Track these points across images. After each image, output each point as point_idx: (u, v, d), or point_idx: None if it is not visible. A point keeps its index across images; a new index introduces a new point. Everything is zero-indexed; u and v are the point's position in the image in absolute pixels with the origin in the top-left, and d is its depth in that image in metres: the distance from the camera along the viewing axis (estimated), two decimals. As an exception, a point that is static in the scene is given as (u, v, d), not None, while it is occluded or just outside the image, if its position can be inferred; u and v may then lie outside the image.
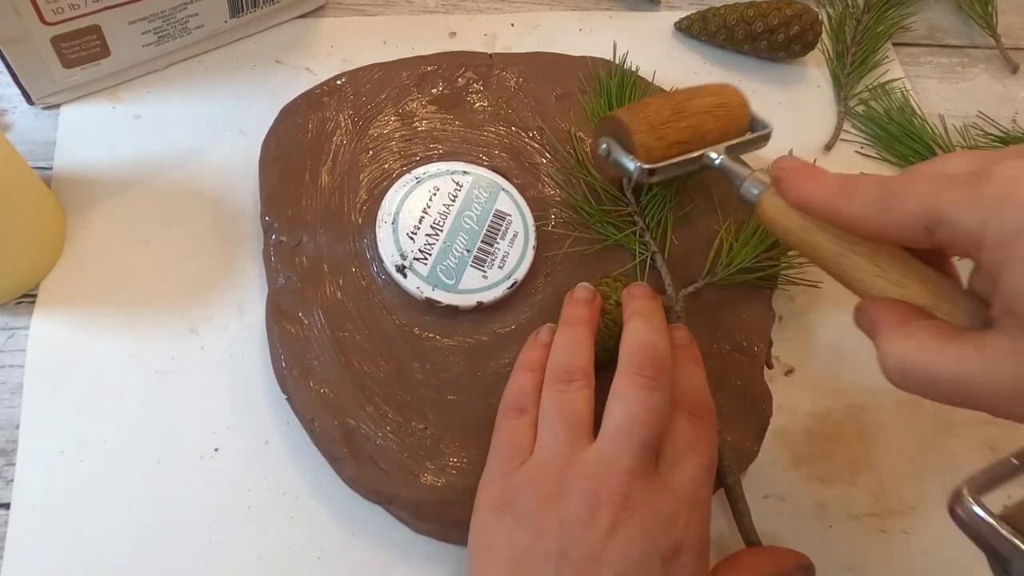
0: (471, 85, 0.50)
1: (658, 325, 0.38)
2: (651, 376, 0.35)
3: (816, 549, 0.41)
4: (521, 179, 0.47)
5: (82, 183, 0.46)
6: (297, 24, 0.54)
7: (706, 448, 0.36)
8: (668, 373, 0.36)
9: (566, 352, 0.38)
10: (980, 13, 0.62)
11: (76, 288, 0.43)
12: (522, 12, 0.58)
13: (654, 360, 0.36)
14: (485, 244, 0.43)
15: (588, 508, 0.33)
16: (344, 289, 0.43)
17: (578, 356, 0.38)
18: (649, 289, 0.41)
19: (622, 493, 0.33)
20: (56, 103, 0.48)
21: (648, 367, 0.36)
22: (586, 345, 0.38)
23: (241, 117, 0.50)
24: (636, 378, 0.35)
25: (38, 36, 0.43)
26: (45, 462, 0.39)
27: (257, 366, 0.42)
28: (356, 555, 0.39)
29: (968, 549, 0.42)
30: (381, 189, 0.45)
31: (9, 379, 0.41)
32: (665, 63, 0.54)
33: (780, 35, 0.55)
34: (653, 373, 0.36)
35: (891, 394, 0.46)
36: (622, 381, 0.36)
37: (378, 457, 0.39)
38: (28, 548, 0.37)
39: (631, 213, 0.47)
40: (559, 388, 0.37)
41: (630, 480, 0.33)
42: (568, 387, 0.37)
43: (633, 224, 0.46)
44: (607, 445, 0.34)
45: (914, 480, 0.44)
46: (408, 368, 0.41)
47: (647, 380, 0.35)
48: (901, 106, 0.56)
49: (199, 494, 0.39)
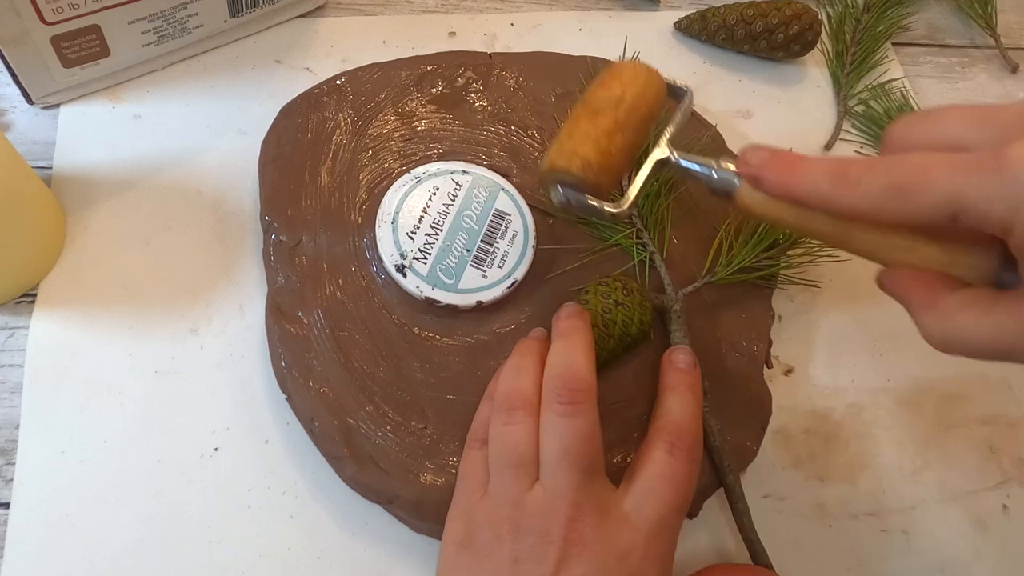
0: (471, 85, 0.51)
1: (577, 344, 0.37)
2: (568, 401, 0.35)
3: (816, 549, 0.41)
4: (521, 179, 0.47)
5: (82, 183, 0.46)
6: (297, 24, 0.54)
7: (681, 483, 0.36)
8: (589, 392, 0.36)
9: (509, 379, 0.38)
10: (980, 13, 0.62)
11: (76, 288, 0.43)
12: (522, 12, 0.58)
13: (569, 383, 0.36)
14: (485, 243, 0.43)
15: (540, 546, 0.33)
16: (344, 289, 0.43)
17: (520, 382, 0.37)
18: (575, 308, 0.40)
19: (573, 528, 0.33)
20: (56, 103, 0.48)
21: (564, 391, 0.35)
22: (531, 372, 0.37)
23: (241, 117, 0.50)
24: (555, 406, 0.35)
25: (38, 36, 0.43)
26: (45, 462, 0.39)
27: (257, 366, 0.42)
28: (356, 555, 0.39)
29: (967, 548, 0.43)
30: (381, 189, 0.45)
31: (9, 379, 0.41)
32: (665, 63, 0.54)
33: (780, 35, 0.55)
34: (570, 397, 0.35)
35: (891, 394, 0.46)
36: (544, 411, 0.36)
37: (378, 457, 0.39)
38: (28, 548, 0.37)
39: (630, 214, 0.47)
40: (502, 420, 0.36)
41: (579, 515, 0.33)
42: (510, 418, 0.36)
43: (631, 225, 0.46)
44: (549, 481, 0.34)
45: (914, 480, 0.44)
46: (408, 368, 0.41)
47: (565, 407, 0.35)
48: (901, 106, 0.56)
49: (199, 494, 0.39)
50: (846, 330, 0.48)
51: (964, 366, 0.48)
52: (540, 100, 0.51)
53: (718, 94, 0.56)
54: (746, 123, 0.55)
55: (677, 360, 0.40)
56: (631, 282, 0.42)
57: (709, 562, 0.40)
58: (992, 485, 0.45)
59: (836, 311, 0.49)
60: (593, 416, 0.35)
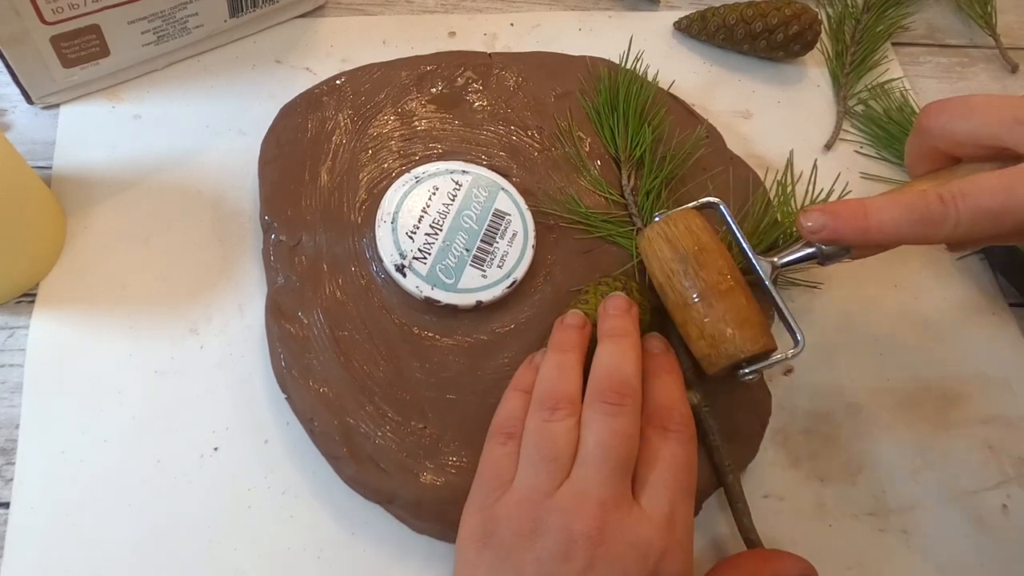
0: (470, 85, 0.51)
1: (627, 347, 0.38)
2: (615, 402, 0.36)
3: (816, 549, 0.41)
4: (520, 178, 0.47)
5: (82, 183, 0.46)
6: (297, 24, 0.54)
7: (681, 462, 0.36)
8: (634, 396, 0.36)
9: (552, 377, 0.38)
10: (980, 13, 0.62)
11: (76, 288, 0.43)
12: (522, 12, 0.58)
13: (617, 386, 0.36)
14: (484, 243, 0.43)
15: (563, 545, 0.33)
16: (343, 289, 0.43)
17: (565, 382, 0.37)
18: (624, 302, 0.40)
19: (596, 527, 0.33)
20: (56, 103, 0.48)
21: (611, 393, 0.36)
22: (575, 371, 0.38)
23: (241, 117, 0.50)
24: (600, 405, 0.36)
25: (38, 36, 0.43)
26: (45, 462, 0.39)
27: (257, 366, 0.42)
28: (356, 555, 0.39)
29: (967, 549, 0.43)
30: (380, 188, 0.45)
31: (9, 379, 0.41)
32: (664, 63, 0.54)
33: (779, 35, 0.55)
34: (617, 399, 0.36)
35: (891, 394, 0.46)
36: (588, 409, 0.36)
37: (378, 456, 0.39)
38: (28, 548, 0.37)
39: (630, 213, 0.47)
40: (543, 417, 0.36)
41: (603, 513, 0.33)
42: (552, 416, 0.36)
43: (631, 224, 0.46)
44: (579, 476, 0.34)
45: (914, 480, 0.44)
46: (407, 367, 0.41)
47: (610, 407, 0.35)
48: (900, 106, 0.56)
49: (199, 494, 0.39)
50: (846, 330, 0.48)
51: (964, 366, 0.48)
52: (540, 100, 0.51)
53: (718, 94, 0.56)
54: (746, 123, 0.55)
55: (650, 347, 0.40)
56: (631, 282, 0.42)
57: (709, 562, 0.40)
58: (992, 485, 0.45)
59: (836, 311, 0.49)
60: (635, 419, 0.36)
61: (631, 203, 0.47)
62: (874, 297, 0.49)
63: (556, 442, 0.35)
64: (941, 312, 0.49)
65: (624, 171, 0.48)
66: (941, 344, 0.48)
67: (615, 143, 0.49)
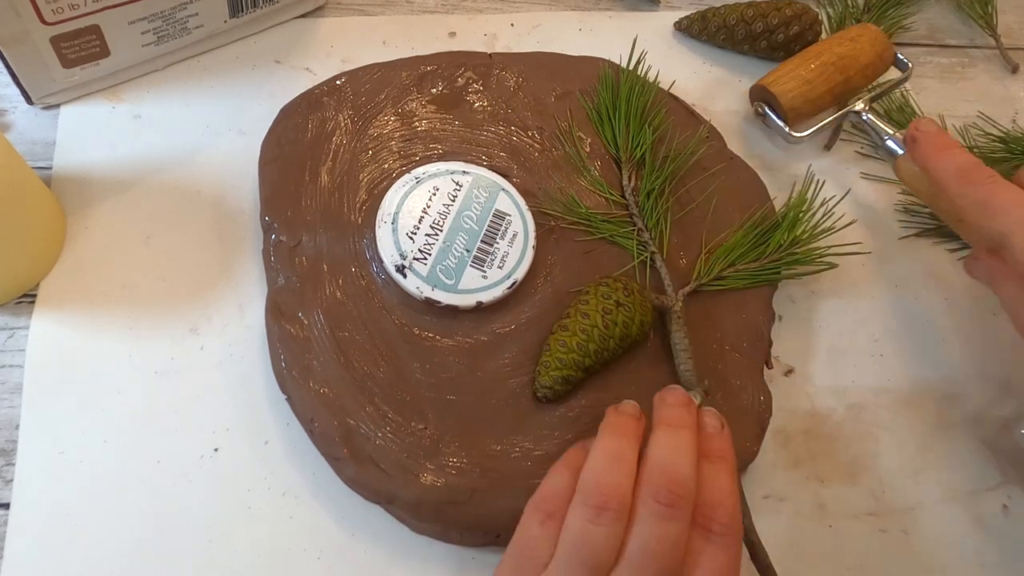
0: (471, 85, 0.51)
1: (685, 442, 0.35)
2: (668, 504, 0.32)
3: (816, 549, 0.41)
4: (521, 179, 0.47)
5: (82, 183, 0.46)
6: (297, 24, 0.54)
7: (721, 569, 0.33)
8: (689, 499, 0.33)
9: (602, 468, 0.34)
10: (980, 13, 0.62)
11: (76, 288, 0.43)
12: (522, 12, 0.58)
13: (673, 484, 0.33)
14: (485, 244, 0.43)
15: None
16: (344, 289, 0.43)
17: (616, 475, 0.34)
18: (684, 395, 0.37)
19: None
20: (56, 103, 0.48)
21: (666, 492, 0.33)
22: (629, 464, 0.34)
23: (241, 117, 0.50)
24: (652, 505, 0.33)
25: (38, 36, 0.43)
26: (45, 462, 0.39)
27: (257, 366, 0.42)
28: (356, 555, 0.39)
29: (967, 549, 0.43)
30: (381, 189, 0.45)
31: (9, 379, 0.41)
32: (665, 63, 0.54)
33: (780, 35, 0.55)
34: (670, 499, 0.33)
35: (891, 394, 0.46)
36: (638, 505, 0.33)
37: (378, 457, 0.39)
38: (28, 548, 0.37)
39: (630, 214, 0.47)
40: (587, 517, 0.32)
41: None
42: (597, 518, 0.32)
43: (632, 224, 0.46)
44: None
45: (914, 480, 0.44)
46: (408, 368, 0.41)
47: (663, 508, 0.32)
48: (901, 106, 0.56)
49: (199, 494, 0.39)
50: (846, 330, 0.48)
51: (964, 366, 0.48)
52: (540, 100, 0.51)
53: (718, 94, 0.56)
54: (746, 123, 0.55)
55: (705, 424, 0.37)
56: (631, 282, 0.42)
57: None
58: (992, 485, 0.45)
59: (836, 311, 0.49)
60: (687, 524, 0.33)
61: (632, 204, 0.47)
62: (874, 297, 0.49)
63: (597, 550, 0.32)
64: (941, 312, 0.49)
65: (625, 171, 0.48)
66: (941, 344, 0.48)
67: (616, 143, 0.49)
